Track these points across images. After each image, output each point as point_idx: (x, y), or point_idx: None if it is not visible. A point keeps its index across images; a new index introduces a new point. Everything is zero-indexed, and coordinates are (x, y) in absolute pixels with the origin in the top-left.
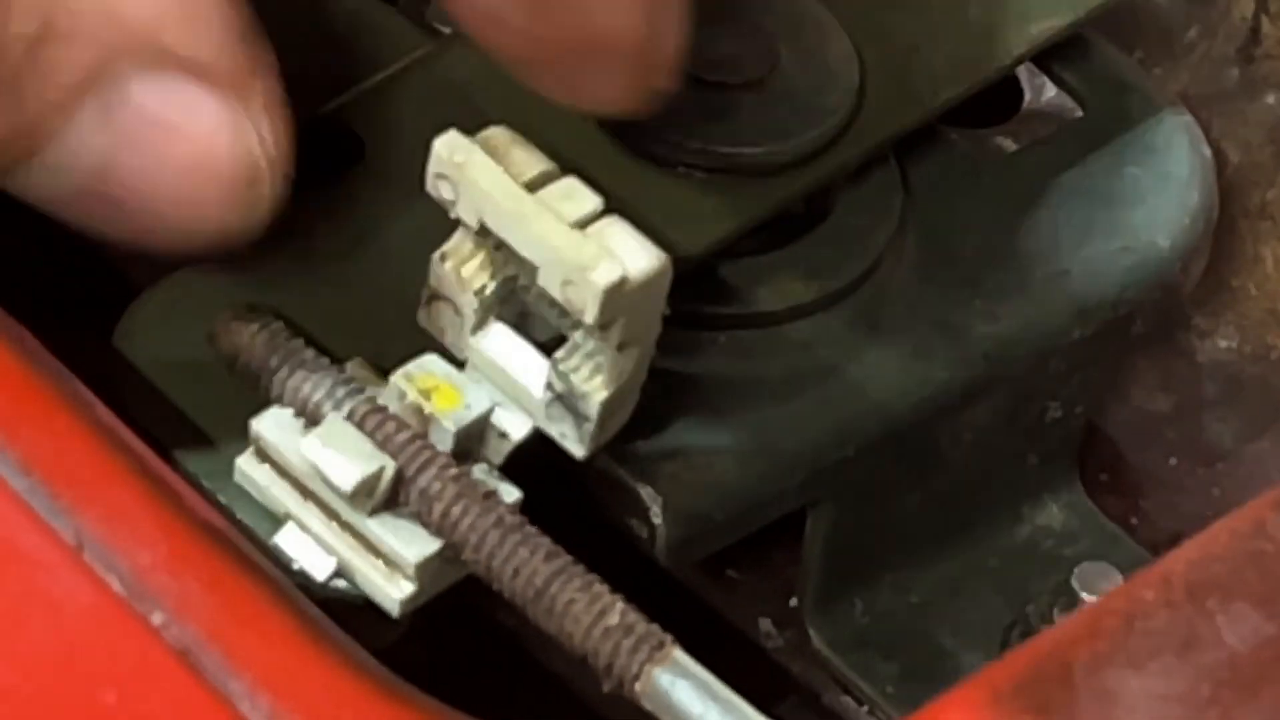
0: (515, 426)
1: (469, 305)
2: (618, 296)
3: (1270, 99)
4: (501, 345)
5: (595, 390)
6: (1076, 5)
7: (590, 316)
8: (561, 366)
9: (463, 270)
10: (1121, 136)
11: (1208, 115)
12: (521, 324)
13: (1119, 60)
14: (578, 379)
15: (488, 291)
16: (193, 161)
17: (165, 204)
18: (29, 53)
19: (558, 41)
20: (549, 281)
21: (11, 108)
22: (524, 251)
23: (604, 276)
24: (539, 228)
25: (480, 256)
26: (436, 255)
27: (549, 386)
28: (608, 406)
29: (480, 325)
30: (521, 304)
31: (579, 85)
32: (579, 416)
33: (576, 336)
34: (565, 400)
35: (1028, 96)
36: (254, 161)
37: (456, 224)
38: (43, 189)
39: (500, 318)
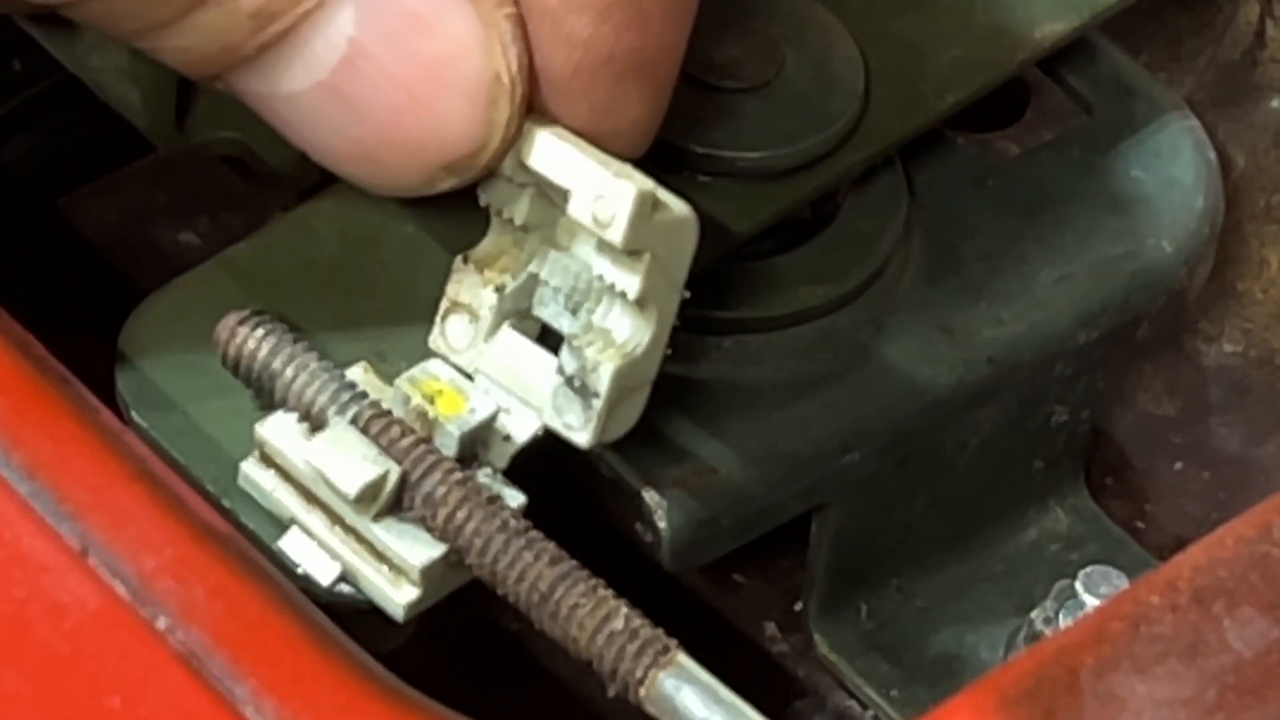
0: (520, 429)
1: (487, 307)
2: (647, 219)
3: (1275, 103)
4: (512, 345)
5: (608, 360)
6: (1082, 9)
7: (619, 232)
8: (576, 342)
9: (485, 271)
10: (1127, 141)
11: (1213, 119)
12: (535, 338)
13: (1125, 64)
14: (592, 351)
15: (508, 290)
16: (439, 62)
17: (403, 106)
18: None
19: (612, 53)
20: (580, 208)
21: None
22: (557, 177)
23: (635, 186)
24: (573, 154)
25: (503, 259)
26: (459, 258)
27: (559, 370)
28: (617, 382)
29: (494, 331)
30: (537, 321)
31: (610, 104)
32: (588, 396)
33: (594, 315)
34: (574, 382)
35: (1033, 101)
36: (498, 78)
37: (461, 228)
38: (283, 81)
39: (514, 328)
